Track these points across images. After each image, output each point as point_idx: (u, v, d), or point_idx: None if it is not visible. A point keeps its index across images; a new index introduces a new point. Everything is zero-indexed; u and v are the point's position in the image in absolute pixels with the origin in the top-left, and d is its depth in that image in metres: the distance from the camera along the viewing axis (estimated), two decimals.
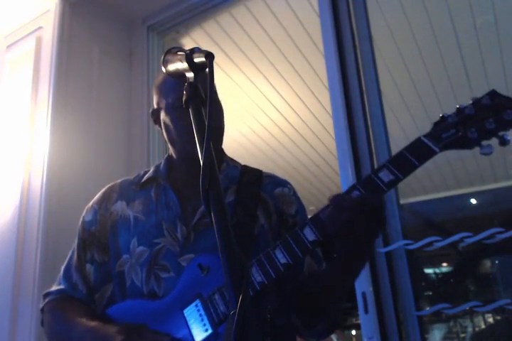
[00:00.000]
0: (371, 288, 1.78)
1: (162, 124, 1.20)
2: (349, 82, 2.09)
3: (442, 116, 0.86)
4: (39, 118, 2.35)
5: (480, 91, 0.86)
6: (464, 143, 0.84)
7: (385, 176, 0.84)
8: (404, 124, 3.44)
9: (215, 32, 2.91)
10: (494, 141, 0.83)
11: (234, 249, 0.60)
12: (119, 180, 1.29)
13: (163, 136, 1.24)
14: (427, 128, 0.88)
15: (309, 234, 0.87)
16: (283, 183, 1.22)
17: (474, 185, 4.90)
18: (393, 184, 0.83)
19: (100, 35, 2.68)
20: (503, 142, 0.81)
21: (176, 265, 1.06)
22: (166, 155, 1.28)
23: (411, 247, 1.86)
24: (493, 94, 0.84)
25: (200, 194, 1.02)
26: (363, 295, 1.77)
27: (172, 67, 0.83)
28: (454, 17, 2.75)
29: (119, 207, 1.20)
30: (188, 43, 2.94)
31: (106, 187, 1.28)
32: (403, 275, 1.83)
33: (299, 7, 2.75)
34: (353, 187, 0.86)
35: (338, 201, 0.85)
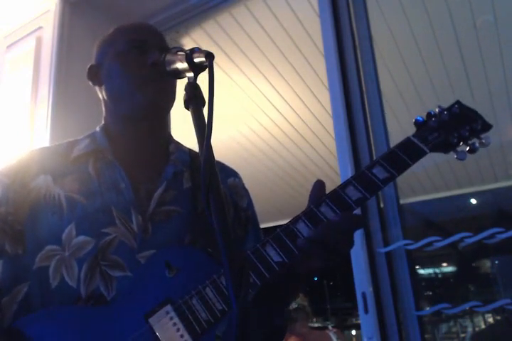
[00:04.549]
0: (371, 288, 1.78)
1: (103, 78, 1.05)
2: (349, 82, 2.09)
3: (415, 121, 0.90)
4: (39, 118, 2.35)
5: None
6: (444, 146, 0.87)
7: (380, 173, 0.82)
8: (404, 124, 3.44)
9: (215, 32, 2.91)
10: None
11: (234, 250, 0.58)
12: (37, 148, 1.05)
13: (102, 98, 1.07)
14: None
15: (304, 229, 0.80)
16: (233, 173, 1.13)
17: (474, 185, 4.90)
18: (388, 181, 0.82)
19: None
20: (473, 149, 0.87)
21: (134, 263, 0.87)
22: (100, 125, 1.07)
23: (411, 247, 1.86)
24: (459, 104, 0.90)
25: (154, 175, 0.98)
26: (363, 295, 1.77)
27: (172, 67, 0.82)
28: (454, 17, 2.75)
29: (43, 182, 0.94)
30: (188, 43, 2.93)
31: (21, 155, 1.02)
32: (403, 275, 1.83)
33: (299, 7, 2.75)
34: (348, 183, 0.83)
35: (336, 221, 0.80)
